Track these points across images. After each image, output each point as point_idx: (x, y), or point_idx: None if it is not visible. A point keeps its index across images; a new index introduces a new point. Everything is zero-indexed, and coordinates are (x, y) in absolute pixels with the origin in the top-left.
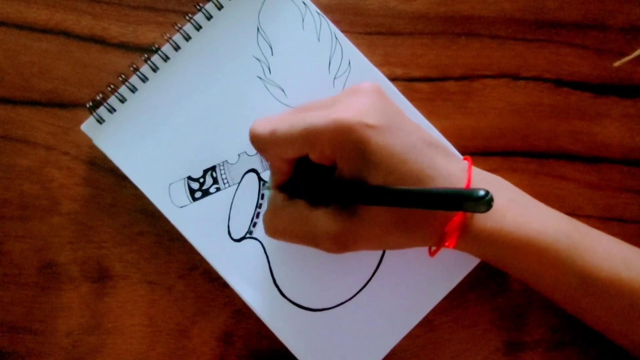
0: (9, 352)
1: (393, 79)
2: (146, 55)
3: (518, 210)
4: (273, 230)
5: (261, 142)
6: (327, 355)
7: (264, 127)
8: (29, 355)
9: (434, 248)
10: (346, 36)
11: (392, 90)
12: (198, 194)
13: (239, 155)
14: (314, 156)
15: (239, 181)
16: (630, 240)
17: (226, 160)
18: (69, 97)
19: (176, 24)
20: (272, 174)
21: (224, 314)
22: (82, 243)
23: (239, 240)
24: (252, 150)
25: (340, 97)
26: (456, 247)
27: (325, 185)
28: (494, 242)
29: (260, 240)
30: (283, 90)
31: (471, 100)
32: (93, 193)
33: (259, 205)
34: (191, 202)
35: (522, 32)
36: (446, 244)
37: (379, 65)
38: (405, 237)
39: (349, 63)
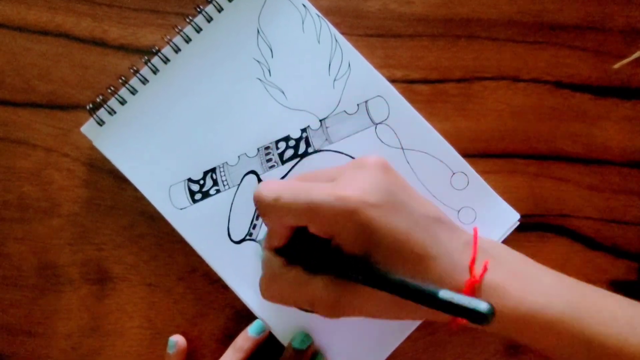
0: (8, 354)
1: (393, 81)
2: (146, 58)
3: (519, 284)
4: (270, 296)
5: (264, 206)
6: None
7: (269, 191)
8: (28, 357)
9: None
10: (346, 38)
11: (392, 93)
12: (198, 196)
13: (238, 157)
14: (312, 229)
15: (238, 183)
16: (631, 242)
17: (226, 162)
18: (69, 99)
19: (176, 26)
20: (269, 236)
21: (224, 316)
22: (81, 245)
23: (238, 242)
24: (252, 152)
25: (345, 170)
26: (461, 322)
27: (323, 258)
28: (498, 318)
29: (260, 242)
30: (283, 92)
31: (471, 102)
32: (93, 195)
33: None
34: (191, 204)
35: (522, 35)
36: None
37: (378, 67)
38: (401, 313)
39: (349, 65)
